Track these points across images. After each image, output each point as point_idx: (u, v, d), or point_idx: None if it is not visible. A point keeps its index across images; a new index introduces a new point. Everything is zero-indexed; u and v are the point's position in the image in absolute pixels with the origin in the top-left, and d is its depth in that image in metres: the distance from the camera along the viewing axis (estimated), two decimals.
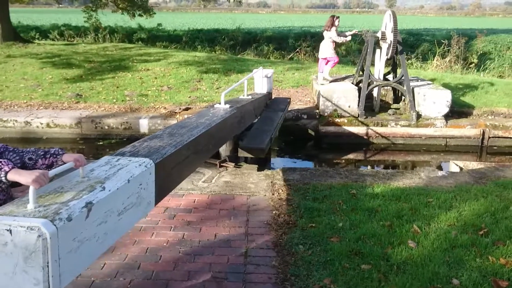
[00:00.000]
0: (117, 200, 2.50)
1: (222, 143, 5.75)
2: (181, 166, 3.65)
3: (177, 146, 3.53)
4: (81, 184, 2.45)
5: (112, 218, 2.45)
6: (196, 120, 4.75)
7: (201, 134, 4.12)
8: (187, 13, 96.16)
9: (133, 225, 2.79)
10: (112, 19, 23.86)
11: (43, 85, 11.20)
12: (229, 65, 13.81)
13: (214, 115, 5.05)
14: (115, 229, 2.50)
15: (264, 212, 4.67)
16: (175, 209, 4.71)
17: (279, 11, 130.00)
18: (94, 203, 2.28)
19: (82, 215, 2.19)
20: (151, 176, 2.92)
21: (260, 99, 7.31)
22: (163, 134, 3.89)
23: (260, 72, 7.99)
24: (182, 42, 21.14)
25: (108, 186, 2.47)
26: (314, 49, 19.94)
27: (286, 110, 7.97)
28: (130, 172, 2.71)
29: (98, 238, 2.34)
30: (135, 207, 2.69)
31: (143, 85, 11.37)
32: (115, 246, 3.93)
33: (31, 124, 8.93)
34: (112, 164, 2.82)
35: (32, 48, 15.50)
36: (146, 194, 2.85)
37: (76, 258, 2.16)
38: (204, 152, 4.39)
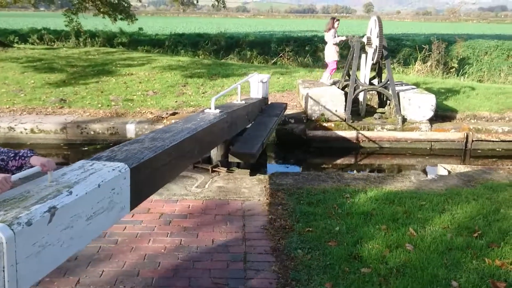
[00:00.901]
0: (85, 205, 2.47)
1: (211, 148, 5.74)
2: (162, 171, 3.63)
3: (157, 151, 3.50)
4: (48, 188, 2.41)
5: (79, 223, 2.42)
6: (182, 125, 4.73)
7: (185, 139, 4.09)
8: (166, 17, 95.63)
9: (105, 230, 2.76)
10: (91, 23, 23.59)
11: (25, 90, 11.00)
12: (213, 69, 13.80)
13: (202, 120, 5.04)
14: (83, 234, 2.46)
15: (259, 217, 4.66)
16: (170, 215, 4.67)
17: (258, 16, 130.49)
18: (58, 207, 2.25)
19: (44, 220, 2.15)
20: (126, 181, 2.89)
21: (254, 104, 7.31)
22: (145, 139, 3.87)
23: (255, 77, 8.01)
24: (165, 47, 21.02)
25: (76, 190, 2.43)
26: (297, 54, 20.09)
27: (281, 116, 7.99)
28: (102, 176, 2.68)
29: (63, 243, 2.31)
30: (107, 212, 2.67)
31: (128, 89, 11.26)
32: (112, 253, 3.88)
33: (14, 130, 8.75)
34: (85, 169, 2.79)
35: (12, 52, 15.23)
36: (120, 199, 2.83)
37: (36, 263, 2.13)
38: (189, 157, 4.37)
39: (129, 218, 4.54)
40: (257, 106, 7.57)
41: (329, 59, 10.37)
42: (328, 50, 10.32)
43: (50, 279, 3.47)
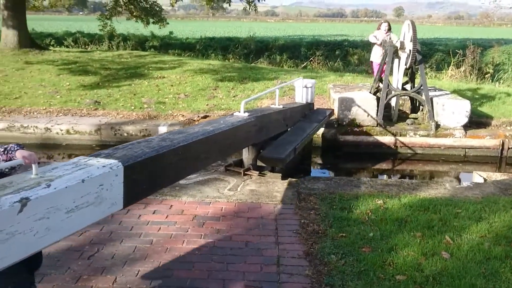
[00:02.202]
0: (64, 198, 2.56)
1: (233, 151, 5.78)
2: (165, 170, 3.69)
3: (160, 151, 3.55)
4: (30, 180, 2.52)
5: (57, 215, 2.52)
6: (201, 127, 4.78)
7: (197, 140, 4.13)
8: (196, 21, 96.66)
9: (89, 224, 2.84)
10: (123, 27, 24.05)
11: (61, 91, 11.29)
12: (244, 73, 13.87)
13: (224, 122, 5.09)
14: (63, 226, 2.57)
15: (292, 221, 4.66)
16: (204, 217, 4.72)
17: (287, 20, 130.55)
18: (31, 199, 2.35)
19: (13, 209, 2.26)
20: (118, 178, 2.97)
21: (294, 109, 7.28)
22: (154, 139, 3.92)
23: (300, 82, 8.00)
24: (196, 50, 21.26)
25: (55, 184, 2.53)
26: (327, 58, 20.01)
27: (323, 122, 7.90)
28: (88, 172, 2.77)
29: (37, 233, 2.41)
30: (93, 207, 2.76)
31: (160, 92, 11.43)
32: (148, 253, 3.95)
33: (51, 131, 8.99)
34: (77, 164, 2.87)
35: (48, 55, 15.65)
36: (110, 195, 2.91)
37: (3, 249, 2.25)
38: (204, 158, 4.42)
39: (163, 219, 4.61)
40: (298, 111, 7.51)
41: (372, 58, 10.68)
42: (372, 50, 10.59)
43: (88, 277, 3.56)
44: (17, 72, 13.12)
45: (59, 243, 4.01)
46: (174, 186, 5.48)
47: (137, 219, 4.60)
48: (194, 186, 5.53)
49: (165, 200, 5.10)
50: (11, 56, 15.02)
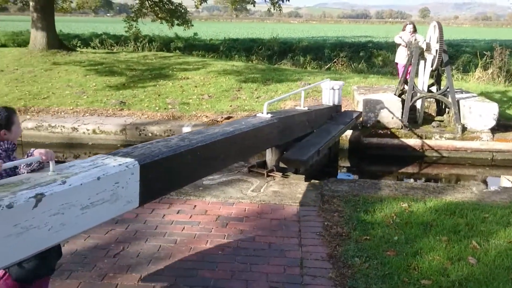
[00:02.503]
0: (80, 195, 2.61)
1: (254, 152, 5.80)
2: (182, 170, 3.73)
3: (177, 151, 3.58)
4: (46, 177, 2.59)
5: (72, 211, 2.58)
6: (221, 127, 4.81)
7: (216, 141, 4.16)
8: (219, 22, 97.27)
9: (105, 220, 2.90)
10: (148, 28, 24.32)
11: (87, 92, 11.50)
12: (267, 74, 13.88)
13: (246, 123, 5.11)
14: (77, 222, 2.63)
15: (315, 223, 4.65)
16: (227, 217, 4.74)
17: (310, 21, 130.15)
18: (46, 194, 2.41)
19: (28, 204, 2.32)
20: (134, 176, 3.02)
21: (320, 111, 7.25)
22: (173, 138, 3.97)
23: (327, 84, 7.97)
24: (219, 51, 21.36)
25: (71, 181, 2.59)
26: (351, 60, 19.87)
27: (350, 124, 7.83)
28: (104, 170, 2.82)
29: (52, 228, 2.48)
30: (108, 204, 2.81)
31: (184, 93, 11.53)
32: (172, 252, 3.99)
33: (78, 130, 9.17)
34: (94, 162, 2.94)
35: (75, 56, 15.94)
36: (126, 193, 2.96)
37: (18, 243, 2.31)
38: (223, 159, 4.45)
39: (187, 219, 4.65)
40: (324, 113, 7.47)
41: (396, 60, 10.61)
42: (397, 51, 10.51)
43: (113, 275, 3.61)
44: (45, 72, 13.41)
45: (86, 241, 4.11)
46: (198, 187, 5.53)
47: (161, 219, 4.66)
48: (218, 187, 5.57)
49: (189, 200, 5.14)
50: (40, 57, 15.35)
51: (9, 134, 2.79)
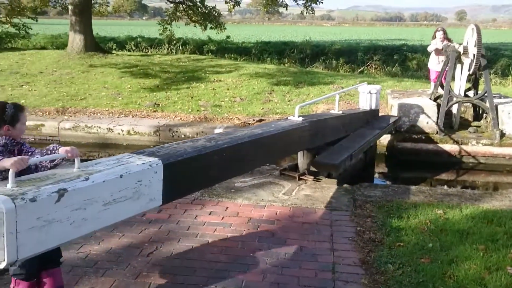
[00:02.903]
0: (102, 191, 2.70)
1: (283, 155, 5.83)
2: (207, 170, 3.80)
3: (202, 151, 3.65)
4: (71, 173, 2.71)
5: (94, 206, 2.67)
6: (251, 129, 4.88)
7: (243, 142, 4.21)
8: (251, 25, 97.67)
9: (127, 217, 2.98)
10: (181, 31, 24.62)
11: (123, 93, 11.74)
12: (299, 77, 13.85)
13: (275, 126, 5.14)
14: (99, 217, 2.72)
15: (348, 228, 4.60)
16: (258, 220, 4.75)
17: (343, 24, 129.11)
18: (68, 190, 2.52)
19: (51, 199, 2.43)
20: (157, 175, 3.09)
21: (355, 115, 7.18)
22: (200, 139, 4.04)
23: (364, 88, 7.90)
24: (251, 54, 21.45)
25: (93, 177, 2.68)
26: (384, 63, 19.62)
27: (386, 129, 7.71)
28: (127, 168, 2.90)
29: (74, 222, 2.58)
30: (131, 201, 2.90)
31: (216, 95, 11.63)
32: (204, 253, 4.02)
33: (113, 131, 9.37)
34: (119, 160, 3.04)
35: (111, 59, 16.29)
36: (149, 191, 3.03)
37: (40, 235, 2.42)
38: (250, 160, 4.52)
39: (219, 221, 4.68)
40: (360, 118, 7.40)
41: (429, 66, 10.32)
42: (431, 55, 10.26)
43: (147, 274, 3.67)
44: (83, 74, 13.76)
45: (120, 240, 4.19)
46: (230, 189, 5.56)
47: (193, 220, 4.70)
48: (249, 189, 5.58)
49: (221, 202, 5.18)
50: (77, 59, 15.76)
51: (13, 130, 2.88)
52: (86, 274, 3.63)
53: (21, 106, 2.99)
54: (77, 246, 4.05)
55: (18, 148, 2.89)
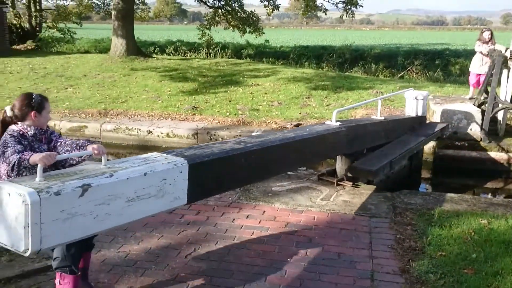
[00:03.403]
0: (125, 188, 2.80)
1: (317, 159, 5.80)
2: (235, 172, 3.87)
3: (230, 153, 3.70)
4: (97, 170, 2.82)
5: (117, 202, 2.77)
6: (284, 133, 4.88)
7: (273, 145, 4.22)
8: (289, 29, 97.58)
9: (151, 214, 3.08)
10: (219, 36, 24.87)
11: (162, 97, 11.94)
12: (338, 82, 13.72)
13: (310, 130, 5.12)
14: (122, 213, 2.82)
15: (387, 235, 4.52)
16: (296, 225, 4.72)
17: (382, 28, 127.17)
18: (92, 185, 2.63)
19: (74, 193, 2.55)
20: (182, 175, 3.17)
21: (399, 121, 7.02)
22: (230, 141, 4.11)
23: (410, 93, 7.74)
24: (289, 59, 21.43)
25: (118, 174, 2.79)
26: (425, 68, 19.19)
27: (432, 136, 7.49)
28: (152, 167, 2.99)
29: (97, 216, 2.69)
30: (154, 199, 2.99)
31: (254, 99, 11.66)
32: (241, 256, 4.02)
33: (152, 133, 9.54)
34: (146, 159, 3.14)
35: (151, 62, 16.63)
36: (173, 189, 3.11)
37: (64, 227, 2.54)
38: (282, 163, 4.53)
39: (256, 224, 4.69)
40: (405, 124, 7.21)
41: (470, 69, 9.92)
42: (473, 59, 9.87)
43: (185, 275, 3.71)
44: (124, 78, 14.10)
45: (159, 240, 4.25)
46: (267, 193, 5.55)
47: (231, 222, 4.72)
48: (287, 194, 5.56)
49: (258, 206, 5.18)
50: (119, 63, 16.18)
51: (39, 117, 3.07)
52: (126, 273, 3.71)
53: (45, 96, 3.20)
54: (117, 246, 4.14)
55: (45, 136, 3.12)
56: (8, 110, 3.07)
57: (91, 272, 3.67)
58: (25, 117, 3.04)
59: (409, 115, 7.73)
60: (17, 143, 2.89)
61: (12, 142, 2.88)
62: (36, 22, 25.03)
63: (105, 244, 4.15)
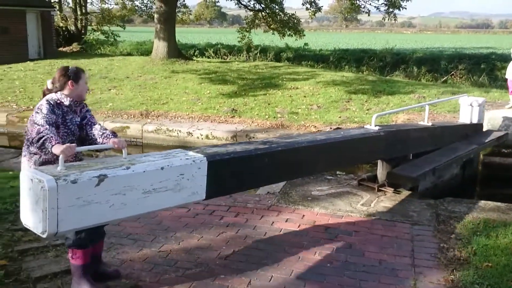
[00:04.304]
0: (142, 180, 2.93)
1: (348, 163, 5.81)
2: (257, 172, 3.93)
3: (252, 152, 3.79)
4: (116, 162, 2.98)
5: (133, 193, 2.91)
6: (314, 135, 4.92)
7: (299, 147, 4.23)
8: (328, 32, 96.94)
9: (169, 206, 3.24)
10: (258, 39, 24.95)
11: (202, 99, 12.09)
12: (378, 86, 13.52)
13: (344, 133, 5.09)
14: (138, 204, 2.96)
15: (430, 244, 4.40)
16: (335, 229, 4.66)
17: (424, 31, 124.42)
18: (109, 176, 2.78)
19: (91, 182, 2.72)
20: (201, 171, 3.27)
21: (449, 128, 6.83)
22: (256, 141, 4.19)
23: (465, 100, 7.54)
24: (329, 62, 21.27)
25: (135, 167, 2.93)
26: (470, 72, 18.64)
27: (486, 145, 7.25)
28: (170, 162, 3.10)
29: (113, 205, 2.84)
30: (171, 192, 3.10)
31: (293, 103, 11.64)
32: (280, 260, 4.00)
33: (192, 135, 9.67)
34: (167, 155, 3.28)
35: (192, 65, 16.87)
36: (191, 184, 3.22)
37: (80, 213, 2.71)
38: (310, 165, 4.56)
39: (295, 228, 4.66)
40: (456, 131, 6.99)
41: (507, 76, 9.47)
42: (509, 66, 9.42)
43: (224, 277, 3.72)
44: (165, 80, 14.36)
45: (199, 241, 4.29)
46: (306, 197, 5.52)
47: (270, 226, 4.71)
48: (326, 198, 5.51)
49: (297, 209, 5.15)
50: (161, 65, 16.49)
51: (76, 86, 3.27)
52: (166, 273, 3.75)
53: (82, 68, 3.40)
54: (158, 245, 4.21)
55: (80, 108, 3.35)
56: (49, 83, 3.33)
57: (133, 270, 3.74)
58: (63, 87, 3.26)
59: (462, 122, 7.49)
60: (50, 111, 3.15)
61: (46, 108, 3.14)
62: (82, 25, 25.88)
63: (146, 243, 4.23)
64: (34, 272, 3.58)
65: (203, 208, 5.12)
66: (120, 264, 3.84)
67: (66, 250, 3.77)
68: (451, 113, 10.65)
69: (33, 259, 3.81)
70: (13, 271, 3.60)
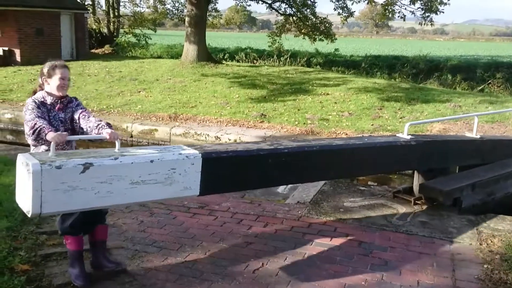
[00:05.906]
0: (129, 171, 3.04)
1: (368, 171, 5.57)
2: (261, 172, 3.90)
3: (254, 153, 3.78)
4: (107, 153, 3.10)
5: (120, 183, 3.02)
6: (331, 140, 4.77)
7: (309, 150, 4.15)
8: (359, 38, 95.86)
9: (159, 199, 3.41)
10: (288, 44, 24.73)
11: (231, 103, 11.95)
12: (412, 93, 13.13)
13: (369, 140, 4.89)
14: (126, 193, 3.06)
15: (472, 264, 4.10)
16: (370, 244, 4.42)
17: (457, 39, 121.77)
18: (94, 164, 2.92)
19: (75, 169, 2.87)
20: (194, 167, 3.33)
21: (502, 142, 6.42)
22: (265, 142, 4.19)
23: None
24: (360, 68, 20.89)
25: (123, 159, 3.04)
26: (508, 81, 18.00)
27: None
28: (161, 156, 3.18)
29: (98, 192, 2.96)
30: (161, 185, 3.18)
31: (323, 109, 11.39)
32: (312, 276, 3.78)
33: (220, 139, 9.52)
34: (162, 149, 3.40)
35: (221, 69, 16.78)
36: (183, 179, 3.28)
37: (64, 197, 2.86)
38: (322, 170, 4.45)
39: (327, 241, 4.43)
40: (509, 146, 6.49)
41: None
42: None
43: None
44: (194, 83, 14.30)
45: (226, 252, 4.10)
46: (338, 208, 5.28)
47: (300, 238, 4.50)
48: (359, 210, 5.26)
49: (328, 221, 4.92)
50: (190, 68, 16.46)
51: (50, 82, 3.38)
52: (192, 285, 3.59)
53: (62, 63, 3.47)
54: (184, 254, 4.05)
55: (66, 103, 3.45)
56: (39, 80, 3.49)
57: (158, 280, 3.59)
58: (43, 84, 3.43)
59: None
60: (37, 107, 3.31)
61: (32, 105, 3.30)
62: (114, 28, 26.19)
63: (172, 252, 4.07)
64: (56, 279, 3.47)
65: (231, 216, 4.94)
66: (144, 274, 3.69)
67: (89, 256, 3.66)
68: (489, 123, 10.23)
69: (56, 264, 3.71)
70: (35, 277, 3.50)
